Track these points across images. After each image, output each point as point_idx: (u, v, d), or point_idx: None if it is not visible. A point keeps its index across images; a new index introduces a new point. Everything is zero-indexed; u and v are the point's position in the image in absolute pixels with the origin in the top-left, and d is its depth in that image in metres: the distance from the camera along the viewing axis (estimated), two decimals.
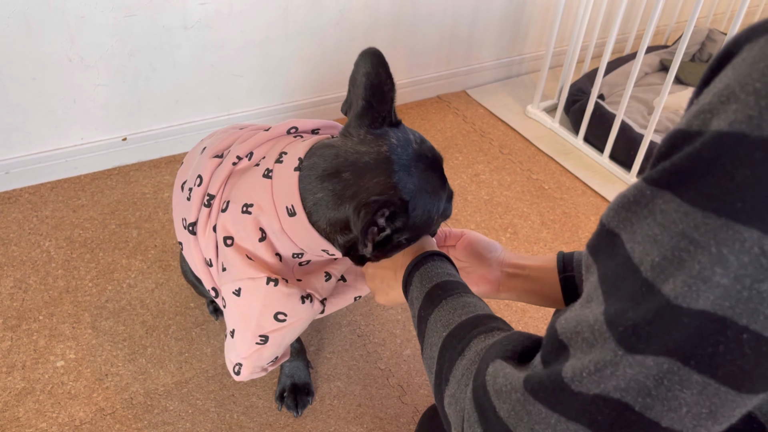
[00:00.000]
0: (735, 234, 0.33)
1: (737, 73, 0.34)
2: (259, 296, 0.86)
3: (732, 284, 0.33)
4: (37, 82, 1.54)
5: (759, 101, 0.31)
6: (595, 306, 0.41)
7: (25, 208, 1.61)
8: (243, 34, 1.74)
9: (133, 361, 1.28)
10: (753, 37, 0.35)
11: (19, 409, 1.18)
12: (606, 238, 0.41)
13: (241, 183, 0.88)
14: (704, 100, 0.36)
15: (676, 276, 0.35)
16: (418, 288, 0.75)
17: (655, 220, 0.37)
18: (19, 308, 1.36)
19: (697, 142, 0.35)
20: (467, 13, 2.12)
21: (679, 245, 0.35)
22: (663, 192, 0.36)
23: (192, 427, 1.18)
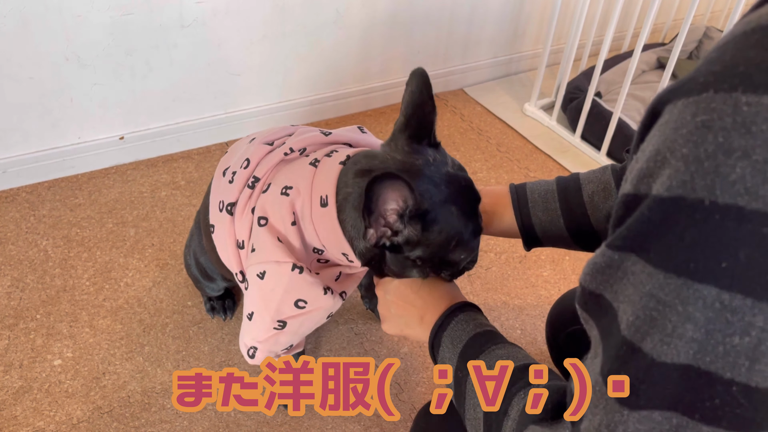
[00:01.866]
0: (695, 292, 0.35)
1: (664, 138, 0.37)
2: (282, 281, 0.86)
3: (706, 339, 0.35)
4: (34, 81, 1.54)
5: (689, 166, 0.34)
6: (597, 363, 0.43)
7: (22, 207, 1.61)
8: (240, 32, 1.74)
9: (131, 360, 1.28)
10: (673, 98, 0.37)
11: (16, 408, 1.18)
12: (591, 298, 0.43)
13: (286, 169, 0.91)
14: (642, 163, 0.38)
15: (653, 334, 0.37)
16: (450, 348, 0.75)
17: (629, 281, 0.39)
18: (17, 307, 1.36)
19: (644, 206, 0.37)
20: (464, 12, 2.12)
21: (648, 305, 0.37)
22: (629, 254, 0.39)
23: (189, 425, 1.18)
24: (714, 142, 0.34)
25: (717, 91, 0.34)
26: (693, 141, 0.35)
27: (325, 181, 0.84)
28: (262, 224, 0.88)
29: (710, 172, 0.34)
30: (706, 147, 0.34)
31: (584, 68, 2.17)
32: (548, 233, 0.94)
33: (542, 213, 0.93)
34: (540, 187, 0.95)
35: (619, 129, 1.88)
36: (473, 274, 1.53)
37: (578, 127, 2.00)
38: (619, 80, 2.14)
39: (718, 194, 0.33)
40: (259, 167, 0.93)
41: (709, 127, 0.34)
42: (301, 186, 0.86)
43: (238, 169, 0.94)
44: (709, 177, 0.34)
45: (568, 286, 1.51)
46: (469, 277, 1.52)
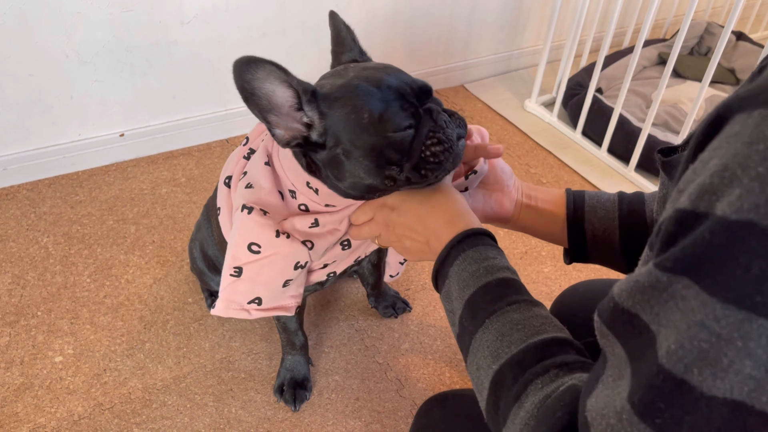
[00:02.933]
0: (759, 328, 0.32)
1: (735, 152, 0.33)
2: (237, 225, 0.85)
3: (765, 377, 0.33)
4: (33, 78, 1.54)
5: (764, 188, 0.31)
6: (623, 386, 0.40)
7: (22, 204, 1.61)
8: (240, 29, 1.74)
9: (132, 357, 1.28)
10: (746, 107, 0.34)
11: (17, 405, 1.18)
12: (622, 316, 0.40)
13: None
14: (705, 178, 0.35)
15: (702, 367, 0.34)
16: (457, 289, 0.69)
17: (676, 306, 0.36)
18: (18, 304, 1.36)
19: (705, 227, 0.34)
20: (465, 8, 2.11)
21: (698, 335, 0.34)
22: (680, 278, 0.35)
23: (190, 421, 1.18)
24: None
25: None
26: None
27: None
28: (240, 178, 0.89)
29: None
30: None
31: (585, 64, 2.16)
32: (599, 243, 0.87)
33: (598, 221, 0.87)
34: (600, 195, 0.90)
35: (620, 125, 1.88)
36: None
37: (579, 124, 2.00)
38: (620, 76, 2.14)
39: None
40: (255, 141, 0.94)
41: None
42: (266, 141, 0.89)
43: (239, 149, 0.95)
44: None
45: (569, 282, 1.51)
46: None
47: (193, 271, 1.34)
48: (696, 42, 2.43)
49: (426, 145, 0.75)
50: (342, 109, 0.74)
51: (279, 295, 0.94)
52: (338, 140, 0.75)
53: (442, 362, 1.32)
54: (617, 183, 1.85)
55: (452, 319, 0.69)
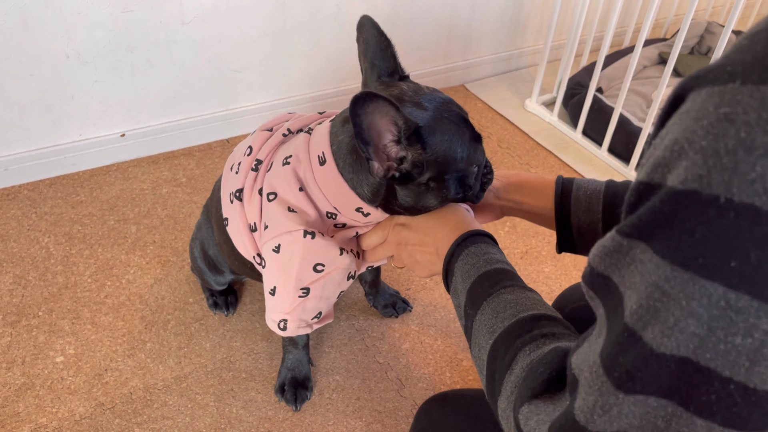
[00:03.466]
0: (701, 288, 0.34)
1: (684, 127, 0.35)
2: (297, 249, 0.87)
3: (707, 335, 0.35)
4: (34, 78, 1.54)
5: (706, 160, 0.33)
6: (597, 346, 0.43)
7: (23, 204, 1.61)
8: (240, 29, 1.74)
9: (133, 356, 1.28)
10: (696, 86, 0.36)
11: (19, 405, 1.18)
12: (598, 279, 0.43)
13: (285, 145, 0.93)
14: (659, 152, 0.38)
15: (654, 325, 0.37)
16: (461, 282, 0.74)
17: (636, 269, 0.38)
18: (19, 304, 1.36)
19: (657, 197, 0.37)
20: (465, 7, 2.12)
21: (653, 295, 0.37)
22: (638, 242, 0.38)
23: (191, 421, 1.18)
24: (735, 137, 0.32)
25: (744, 82, 0.33)
26: (713, 134, 0.33)
27: (319, 141, 0.86)
28: (271, 199, 0.89)
29: (728, 168, 0.32)
30: (727, 141, 0.33)
31: (585, 64, 2.16)
32: (585, 237, 0.90)
33: (583, 214, 0.89)
34: (588, 185, 0.91)
35: (621, 125, 1.88)
36: None
37: (579, 123, 2.00)
38: (621, 76, 2.14)
39: (735, 192, 0.32)
40: (261, 151, 0.94)
41: (732, 121, 0.32)
42: (299, 152, 0.88)
43: (242, 158, 0.96)
44: (727, 173, 0.32)
45: (569, 281, 1.51)
46: None
47: (193, 270, 1.35)
48: (696, 41, 2.43)
49: (483, 174, 0.87)
50: (441, 145, 0.78)
51: (332, 305, 1.00)
52: (431, 172, 0.79)
53: (443, 362, 1.32)
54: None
55: (459, 313, 0.74)
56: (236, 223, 0.96)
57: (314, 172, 0.86)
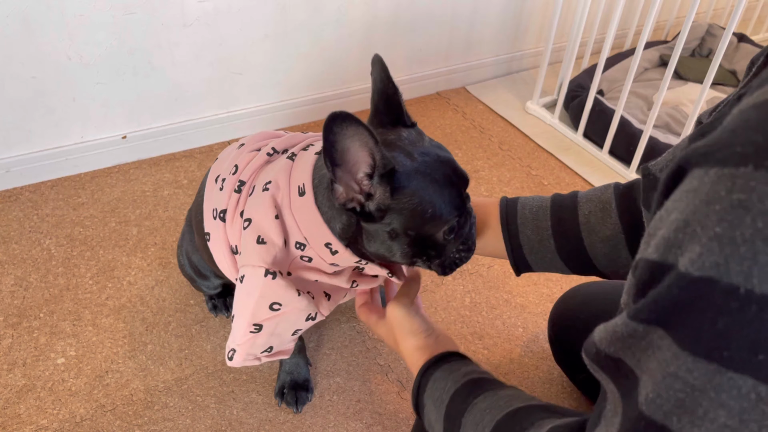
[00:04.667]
0: (729, 380, 0.33)
1: (694, 209, 0.35)
2: (257, 285, 0.86)
3: (740, 427, 0.34)
4: (36, 81, 1.55)
5: (723, 249, 0.32)
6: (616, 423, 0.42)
7: (25, 206, 1.61)
8: (242, 31, 1.74)
9: (134, 358, 1.28)
10: (703, 163, 0.35)
11: (20, 406, 1.18)
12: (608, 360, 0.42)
13: (268, 168, 0.92)
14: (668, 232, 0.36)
15: (681, 415, 0.36)
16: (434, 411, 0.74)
17: (653, 355, 0.37)
18: (20, 306, 1.36)
19: (671, 280, 0.35)
20: (466, 10, 2.12)
21: (673, 385, 0.36)
22: (655, 328, 0.37)
23: (192, 423, 1.18)
24: (752, 227, 0.31)
25: (758, 167, 0.32)
26: (728, 221, 0.32)
27: (302, 171, 0.84)
28: (245, 226, 0.88)
29: (747, 258, 0.31)
30: (743, 231, 0.32)
31: (586, 66, 2.16)
32: (537, 254, 0.89)
33: (531, 231, 0.88)
34: (533, 202, 0.90)
35: (622, 127, 1.88)
36: (474, 272, 1.53)
37: (580, 125, 2.00)
38: (621, 78, 2.14)
39: (756, 283, 0.31)
40: (245, 171, 0.93)
41: (747, 209, 0.31)
42: (279, 179, 0.86)
43: (228, 176, 0.95)
44: (746, 263, 0.31)
45: (571, 284, 1.51)
46: (470, 276, 1.52)
47: (184, 275, 1.34)
48: (697, 44, 2.43)
49: (458, 249, 0.85)
50: (411, 197, 0.76)
51: (287, 342, 0.99)
52: (393, 221, 0.78)
53: None
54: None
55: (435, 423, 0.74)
56: (218, 242, 0.96)
57: (291, 201, 0.84)
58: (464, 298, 1.47)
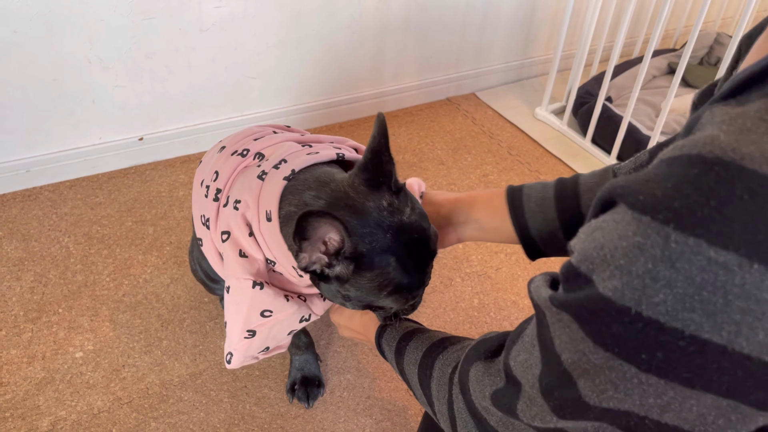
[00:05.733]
0: (619, 366, 0.42)
1: (610, 238, 0.42)
2: (246, 296, 0.88)
3: (627, 399, 0.43)
4: (57, 83, 1.59)
5: (622, 278, 0.40)
6: (535, 361, 0.51)
7: (44, 205, 1.66)
8: (256, 37, 1.78)
9: (149, 353, 1.32)
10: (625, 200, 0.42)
11: (39, 398, 1.22)
12: (539, 311, 0.51)
13: (239, 181, 0.91)
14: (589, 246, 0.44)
15: (585, 379, 0.45)
16: (388, 351, 0.89)
17: (563, 330, 0.46)
18: (40, 301, 1.40)
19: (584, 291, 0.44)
20: (477, 17, 2.15)
21: (581, 359, 0.45)
22: (566, 314, 0.46)
23: (206, 416, 1.21)
24: (644, 266, 0.39)
25: (654, 219, 0.39)
26: (628, 257, 0.40)
27: (269, 197, 0.84)
28: (224, 239, 0.89)
29: (638, 288, 0.40)
30: (638, 267, 0.40)
31: (595, 74, 2.19)
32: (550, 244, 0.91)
33: (541, 225, 0.90)
34: (537, 193, 0.91)
35: (629, 133, 1.90)
36: (483, 274, 1.56)
37: (589, 131, 2.02)
38: (630, 85, 2.16)
39: (643, 308, 0.40)
40: (220, 178, 0.93)
41: (642, 251, 0.39)
42: (249, 200, 0.86)
43: (210, 182, 0.95)
44: (637, 293, 0.40)
45: None
46: (479, 278, 1.55)
47: (197, 279, 1.35)
48: (706, 52, 2.46)
49: (404, 309, 0.89)
50: (373, 278, 0.77)
51: (283, 340, 1.00)
52: (350, 291, 0.80)
53: None
54: None
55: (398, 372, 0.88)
56: (209, 249, 0.97)
57: (260, 223, 0.86)
58: (473, 299, 1.50)
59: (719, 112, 0.40)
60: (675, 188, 0.38)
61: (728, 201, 0.36)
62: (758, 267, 0.36)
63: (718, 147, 0.37)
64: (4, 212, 1.62)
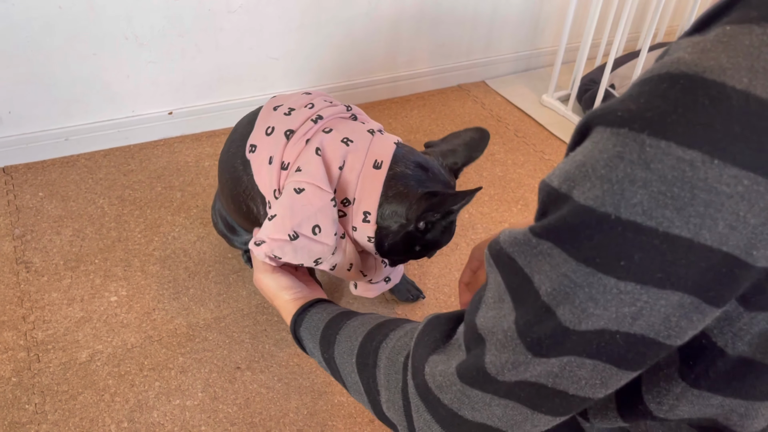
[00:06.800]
0: (599, 280, 0.45)
1: (591, 155, 0.45)
2: (317, 203, 0.99)
3: (604, 313, 0.46)
4: (96, 57, 1.73)
5: (603, 186, 0.44)
6: (507, 311, 0.52)
7: (81, 171, 1.79)
8: (280, 19, 1.91)
9: (177, 299, 1.44)
10: (601, 123, 0.45)
11: (78, 334, 1.34)
12: (505, 256, 0.53)
13: (349, 126, 1.09)
14: (570, 167, 0.47)
15: (565, 305, 0.47)
16: (310, 339, 0.87)
17: (545, 260, 0.48)
18: (78, 253, 1.53)
19: (564, 208, 0.46)
20: (487, 8, 2.27)
21: (563, 282, 0.47)
22: (546, 242, 0.48)
23: (228, 354, 1.33)
24: (623, 171, 0.43)
25: (630, 129, 0.43)
26: (609, 166, 0.43)
27: (382, 151, 1.05)
28: (318, 154, 1.01)
29: (617, 193, 0.43)
30: (617, 173, 0.43)
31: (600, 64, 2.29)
32: None
33: None
34: None
35: None
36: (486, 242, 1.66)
37: None
38: (632, 75, 2.27)
39: (622, 212, 0.43)
40: (323, 111, 1.09)
41: (621, 158, 0.43)
42: (359, 145, 1.04)
43: (300, 108, 1.09)
44: (616, 197, 0.43)
45: None
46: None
47: (218, 232, 1.47)
48: None
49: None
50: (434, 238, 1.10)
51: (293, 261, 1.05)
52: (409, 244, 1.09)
53: None
54: None
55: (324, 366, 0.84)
56: (266, 154, 1.06)
57: (364, 167, 1.02)
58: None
59: (684, 42, 0.44)
60: (647, 102, 0.42)
61: (692, 107, 0.40)
62: (717, 162, 0.40)
63: (683, 64, 0.42)
64: (45, 176, 1.76)
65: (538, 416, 0.55)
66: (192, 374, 1.28)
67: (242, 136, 1.15)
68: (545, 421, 0.55)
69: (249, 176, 1.12)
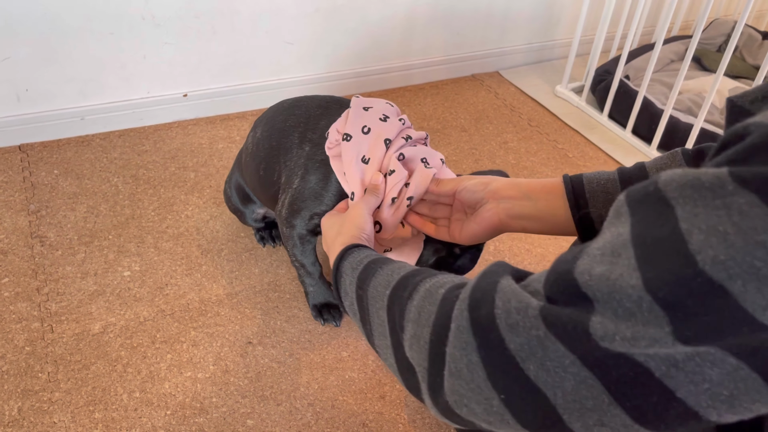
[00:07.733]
0: None
1: None
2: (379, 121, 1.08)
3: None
4: (114, 37, 1.74)
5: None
6: (626, 268, 0.40)
7: (96, 150, 1.80)
8: (296, 4, 1.92)
9: (190, 276, 1.44)
10: None
11: (91, 306, 1.35)
12: (655, 201, 0.40)
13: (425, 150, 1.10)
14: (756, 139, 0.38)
15: (749, 282, 0.34)
16: (349, 273, 0.77)
17: (730, 218, 0.35)
18: (92, 228, 1.53)
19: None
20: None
21: (755, 253, 0.34)
22: (748, 193, 0.35)
23: (240, 329, 1.33)
24: None
25: None
26: None
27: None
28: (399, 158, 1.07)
29: None
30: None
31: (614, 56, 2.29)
32: None
33: (603, 206, 0.83)
34: (599, 176, 0.86)
35: (645, 107, 2.00)
36: None
37: (606, 106, 2.12)
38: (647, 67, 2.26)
39: None
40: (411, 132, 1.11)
41: None
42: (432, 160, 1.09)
43: (393, 117, 1.10)
44: None
45: None
46: None
47: (229, 208, 1.50)
48: (724, 39, 2.54)
49: None
50: None
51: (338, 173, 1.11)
52: None
53: None
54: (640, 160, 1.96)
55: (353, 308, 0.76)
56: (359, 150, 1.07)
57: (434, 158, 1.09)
58: (488, 245, 1.60)
59: None
60: None
61: None
62: None
63: None
64: (60, 154, 1.77)
65: (615, 411, 0.42)
66: (204, 348, 1.29)
67: (311, 117, 1.21)
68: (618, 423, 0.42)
69: (302, 152, 1.18)
